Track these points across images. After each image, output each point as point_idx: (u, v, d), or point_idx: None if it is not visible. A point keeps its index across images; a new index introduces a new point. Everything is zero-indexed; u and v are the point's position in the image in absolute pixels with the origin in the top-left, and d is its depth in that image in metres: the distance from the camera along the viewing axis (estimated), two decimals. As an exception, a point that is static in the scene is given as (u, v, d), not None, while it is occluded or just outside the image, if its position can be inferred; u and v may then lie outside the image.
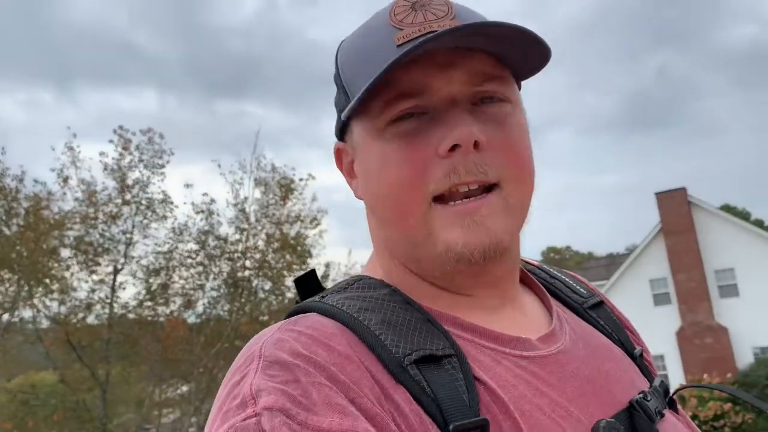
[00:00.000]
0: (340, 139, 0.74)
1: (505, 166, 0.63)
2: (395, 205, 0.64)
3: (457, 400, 0.55)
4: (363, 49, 0.66)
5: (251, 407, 0.51)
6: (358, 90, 0.63)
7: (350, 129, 0.70)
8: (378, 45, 0.64)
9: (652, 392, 0.69)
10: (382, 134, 0.64)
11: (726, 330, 19.65)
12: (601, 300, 0.83)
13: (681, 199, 20.85)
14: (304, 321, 0.60)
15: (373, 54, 0.64)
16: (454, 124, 0.61)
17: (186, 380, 14.91)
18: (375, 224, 0.72)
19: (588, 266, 30.66)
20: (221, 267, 15.53)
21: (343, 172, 0.76)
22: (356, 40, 0.69)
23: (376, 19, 0.68)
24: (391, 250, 0.70)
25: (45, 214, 14.05)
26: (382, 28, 0.65)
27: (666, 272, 20.99)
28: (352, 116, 0.67)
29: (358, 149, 0.69)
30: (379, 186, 0.65)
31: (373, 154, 0.65)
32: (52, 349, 14.47)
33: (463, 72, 0.62)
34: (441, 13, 0.64)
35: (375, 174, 0.66)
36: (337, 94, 0.72)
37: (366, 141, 0.67)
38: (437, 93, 0.62)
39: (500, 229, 0.62)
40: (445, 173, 0.61)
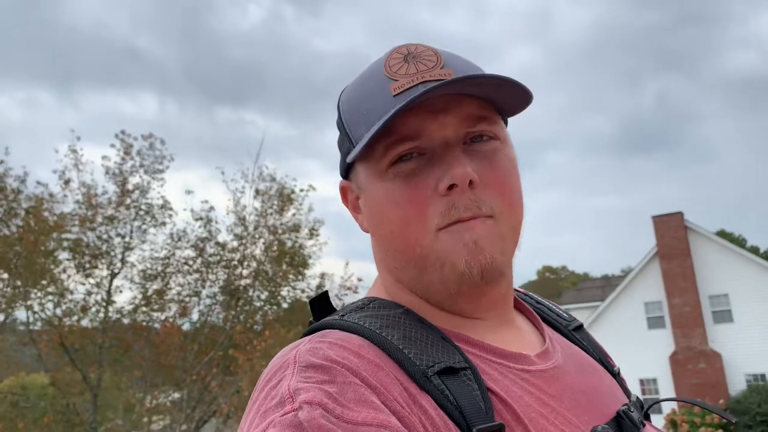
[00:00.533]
0: (345, 178, 0.81)
1: (497, 199, 0.69)
2: (402, 239, 0.70)
3: (476, 407, 0.60)
4: (362, 98, 0.73)
5: (290, 404, 0.54)
6: (360, 136, 0.71)
7: (355, 170, 0.77)
8: (376, 95, 0.71)
9: (633, 405, 0.77)
10: (385, 175, 0.70)
11: (719, 356, 19.65)
12: (581, 324, 0.91)
13: (677, 223, 20.93)
14: (332, 334, 0.65)
15: (371, 104, 0.71)
16: (450, 165, 0.67)
17: (178, 387, 14.83)
18: (381, 255, 0.77)
19: (583, 287, 30.66)
20: (218, 275, 15.52)
21: (348, 208, 0.82)
22: (355, 90, 0.76)
23: (373, 71, 0.75)
24: (399, 278, 0.75)
25: (45, 215, 14.05)
26: (378, 79, 0.72)
27: (661, 296, 21.02)
28: (356, 159, 0.73)
29: (364, 189, 0.75)
30: (386, 222, 0.71)
31: (378, 194, 0.72)
32: (44, 351, 14.40)
33: (455, 116, 0.69)
34: (431, 63, 0.71)
35: (381, 212, 0.72)
36: (340, 137, 0.78)
37: (370, 181, 0.73)
38: (433, 136, 0.69)
39: (495, 251, 0.68)
40: (445, 209, 0.67)
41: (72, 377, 14.80)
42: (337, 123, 0.78)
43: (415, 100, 0.64)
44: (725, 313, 20.15)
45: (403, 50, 0.74)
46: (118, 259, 14.92)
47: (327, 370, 0.58)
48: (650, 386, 21.09)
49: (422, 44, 0.75)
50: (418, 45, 0.74)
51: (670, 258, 20.71)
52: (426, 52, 0.73)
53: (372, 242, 0.79)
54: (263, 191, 15.70)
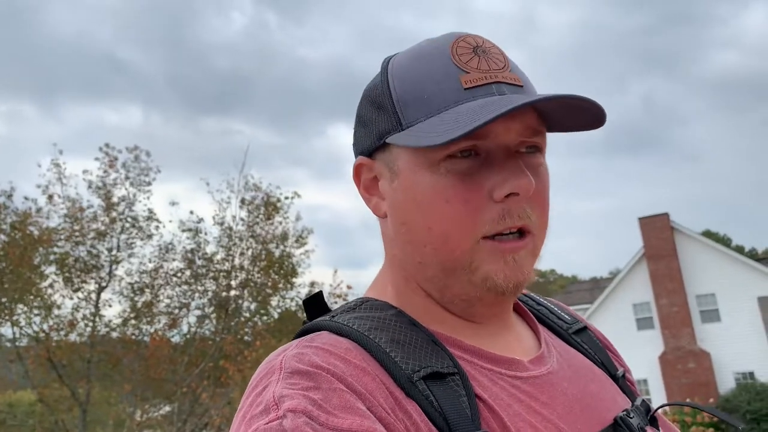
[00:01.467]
0: (366, 155, 0.76)
1: (538, 215, 0.69)
2: (443, 237, 0.67)
3: (462, 414, 0.59)
4: (425, 80, 0.69)
5: (274, 412, 0.54)
6: (414, 119, 0.67)
7: (390, 151, 0.72)
8: (442, 82, 0.67)
9: (635, 410, 0.74)
10: (437, 167, 0.66)
11: (708, 355, 19.80)
12: (584, 326, 0.89)
13: (664, 225, 21.11)
14: (319, 338, 0.65)
15: (437, 90, 0.67)
16: (514, 173, 0.65)
17: (169, 400, 14.68)
18: (402, 246, 0.73)
19: (572, 290, 30.79)
20: (206, 286, 15.42)
21: (360, 187, 0.77)
22: (415, 69, 0.71)
23: (436, 53, 0.70)
24: (414, 274, 0.73)
25: (30, 230, 13.90)
26: (444, 64, 0.68)
27: (649, 297, 21.16)
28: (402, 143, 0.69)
29: (403, 174, 0.70)
30: (428, 216, 0.68)
31: (425, 185, 0.68)
32: (31, 367, 14.21)
33: (520, 125, 0.67)
34: (501, 63, 0.69)
35: (425, 205, 0.68)
36: (375, 109, 0.73)
37: (415, 170, 0.69)
38: (495, 140, 0.66)
39: (529, 269, 0.68)
40: (499, 217, 0.66)
41: (60, 393, 14.60)
42: (380, 94, 0.72)
43: (518, 109, 0.60)
44: (712, 313, 20.32)
45: (471, 41, 0.70)
46: (106, 273, 14.78)
47: (312, 376, 0.58)
48: (641, 387, 21.19)
49: (485, 38, 0.72)
50: (484, 39, 0.72)
51: (657, 259, 20.87)
52: (493, 49, 0.70)
53: (390, 229, 0.74)
54: (249, 201, 15.65)
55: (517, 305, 0.85)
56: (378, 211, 0.76)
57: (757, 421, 17.55)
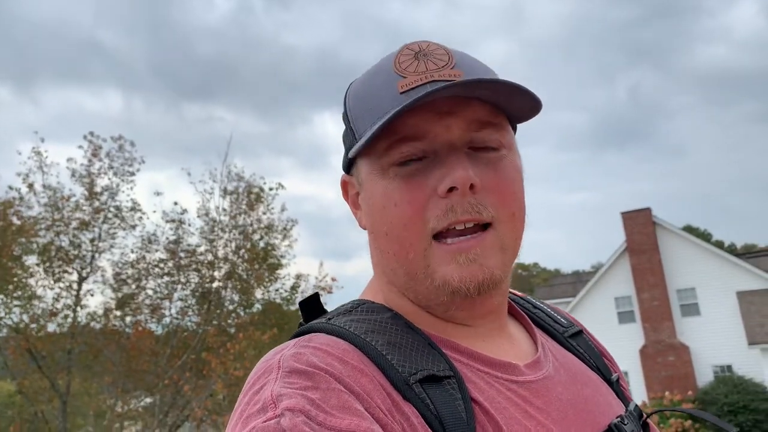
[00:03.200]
0: (347, 173, 0.79)
1: (499, 206, 0.68)
2: (397, 241, 0.69)
3: (457, 417, 0.59)
4: (368, 93, 0.71)
5: (272, 410, 0.54)
6: (363, 131, 0.69)
7: (357, 166, 0.75)
8: (382, 91, 0.69)
9: (628, 416, 0.75)
10: (386, 173, 0.69)
11: (687, 348, 20.09)
12: (580, 330, 0.89)
13: (646, 219, 21.33)
14: (317, 339, 0.64)
15: (377, 99, 0.69)
16: (452, 167, 0.65)
17: (150, 392, 14.60)
18: (377, 255, 0.75)
19: (555, 283, 31.07)
20: (189, 277, 15.32)
21: (348, 203, 0.80)
22: (362, 84, 0.74)
23: (382, 66, 0.73)
24: (391, 280, 0.74)
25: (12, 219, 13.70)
26: (386, 75, 0.71)
27: (630, 291, 21.40)
28: (358, 155, 0.72)
29: (364, 185, 0.73)
30: (383, 222, 0.70)
31: (377, 192, 0.70)
32: (11, 358, 14.05)
33: (461, 119, 0.67)
34: (441, 62, 0.69)
35: (379, 210, 0.70)
36: (345, 130, 0.76)
37: (371, 178, 0.71)
38: (437, 138, 0.67)
39: (493, 265, 0.67)
40: (443, 212, 0.66)
41: (40, 384, 14.45)
42: (343, 116, 0.76)
43: (418, 101, 0.62)
44: (692, 307, 20.61)
45: (415, 47, 0.72)
46: (87, 263, 14.62)
47: (310, 376, 0.57)
48: (621, 380, 21.43)
49: (435, 42, 0.73)
50: (430, 43, 0.73)
51: (639, 253, 21.10)
52: (438, 50, 0.71)
53: (369, 240, 0.77)
54: (231, 191, 15.54)
55: (515, 309, 0.85)
56: (360, 223, 0.79)
57: (734, 413, 17.85)
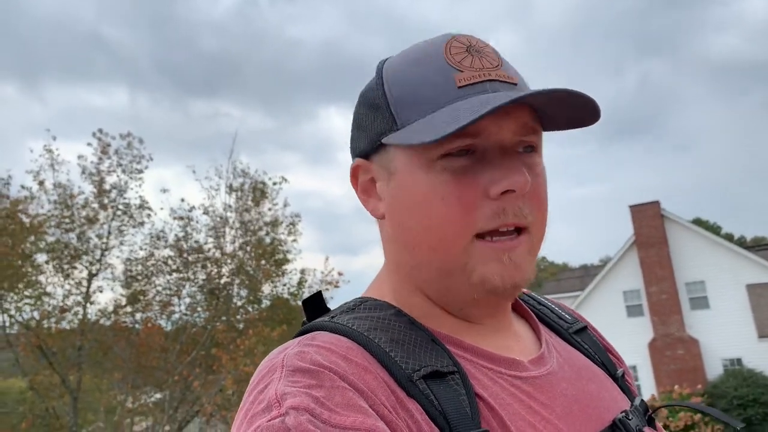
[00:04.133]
0: (363, 157, 0.76)
1: (535, 212, 0.69)
2: (438, 236, 0.67)
3: (462, 413, 0.59)
4: (419, 80, 0.69)
5: (276, 409, 0.54)
6: (409, 119, 0.67)
7: (386, 152, 0.72)
8: (437, 82, 0.67)
9: (633, 411, 0.75)
10: (433, 166, 0.67)
11: (697, 342, 20.01)
12: (585, 326, 0.89)
13: (654, 212, 21.22)
14: (321, 337, 0.64)
15: (431, 89, 0.67)
16: (509, 170, 0.65)
17: (160, 388, 14.69)
18: (399, 248, 0.73)
19: (563, 277, 30.99)
20: (197, 274, 15.39)
21: (357, 190, 0.77)
22: (408, 68, 0.71)
23: (429, 53, 0.71)
24: (412, 275, 0.73)
25: (21, 217, 13.80)
26: (438, 64, 0.69)
27: (639, 284, 21.31)
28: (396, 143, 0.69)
29: (399, 174, 0.70)
30: (424, 215, 0.68)
31: (421, 184, 0.68)
32: (22, 355, 14.16)
33: (514, 122, 0.67)
34: (494, 62, 0.69)
35: (420, 203, 0.68)
36: (371, 111, 0.73)
37: (411, 169, 0.69)
38: (489, 137, 0.66)
39: (528, 268, 0.68)
40: (494, 213, 0.66)
41: (51, 381, 14.57)
42: (372, 98, 0.73)
43: (509, 104, 0.61)
44: (701, 300, 20.50)
45: (464, 40, 0.71)
46: (96, 259, 14.71)
47: (315, 374, 0.57)
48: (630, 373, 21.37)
49: (479, 38, 0.72)
50: (478, 39, 0.72)
51: (647, 247, 21.00)
52: (486, 48, 0.71)
53: (388, 231, 0.74)
54: (237, 187, 15.58)
55: (518, 304, 0.85)
56: (376, 212, 0.75)
57: (743, 406, 17.78)
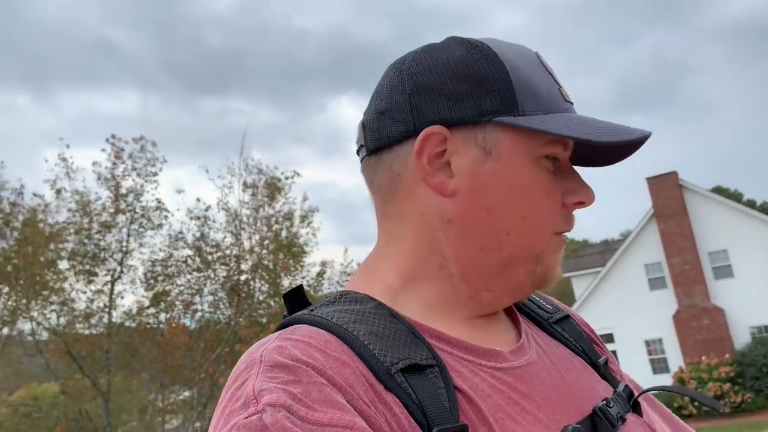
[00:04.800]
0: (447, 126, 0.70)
1: None
2: (535, 229, 0.71)
3: (440, 406, 0.59)
4: (537, 79, 0.72)
5: (254, 406, 0.53)
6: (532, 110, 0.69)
7: (486, 131, 0.69)
8: (551, 87, 0.73)
9: (615, 399, 0.74)
10: (539, 162, 0.71)
11: (722, 311, 19.83)
12: (566, 315, 0.89)
13: (672, 183, 20.99)
14: (299, 330, 0.64)
15: (550, 93, 0.72)
16: (582, 185, 0.74)
17: (188, 386, 14.91)
18: (460, 230, 0.70)
19: (583, 254, 30.82)
20: (217, 271, 15.54)
21: (421, 157, 0.70)
22: (525, 63, 0.72)
23: (529, 55, 0.74)
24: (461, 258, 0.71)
25: (41, 226, 14.02)
26: (543, 71, 0.74)
27: (660, 256, 21.15)
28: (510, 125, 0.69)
29: (501, 158, 0.69)
30: (524, 204, 0.70)
31: (528, 174, 0.70)
32: (52, 360, 14.44)
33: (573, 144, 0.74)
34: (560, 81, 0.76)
35: (523, 192, 0.70)
36: (471, 84, 0.70)
37: (517, 158, 0.69)
38: (567, 152, 0.74)
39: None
40: (565, 219, 0.73)
41: (82, 384, 14.87)
42: (474, 69, 0.70)
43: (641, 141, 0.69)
44: (725, 269, 20.30)
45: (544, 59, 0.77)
46: (117, 263, 14.92)
47: (292, 369, 0.57)
48: (656, 347, 21.28)
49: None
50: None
51: (666, 218, 20.80)
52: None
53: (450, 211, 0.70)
54: (252, 184, 15.68)
55: None
56: (443, 188, 0.70)
57: (774, 373, 17.62)
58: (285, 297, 0.77)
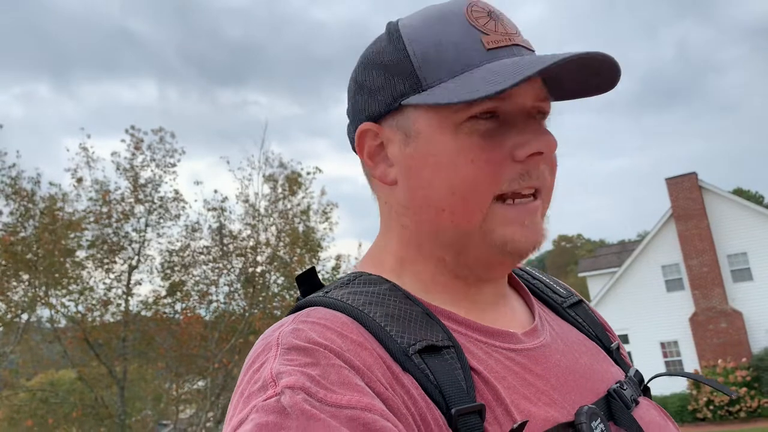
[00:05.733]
0: (374, 121, 0.73)
1: (548, 176, 0.70)
2: (464, 198, 0.66)
3: (457, 386, 0.59)
4: (445, 41, 0.68)
5: (272, 388, 0.53)
6: (436, 80, 0.66)
7: (404, 114, 0.70)
8: (465, 43, 0.67)
9: (628, 382, 0.75)
10: (459, 129, 0.66)
11: (740, 314, 19.56)
12: (579, 299, 0.89)
13: (692, 184, 20.72)
14: (315, 313, 0.64)
15: (457, 50, 0.67)
16: (536, 133, 0.66)
17: (202, 376, 15.05)
18: (414, 213, 0.71)
19: (600, 254, 30.55)
20: (233, 263, 15.66)
21: (362, 154, 0.75)
22: (433, 29, 0.69)
23: (450, 14, 0.70)
24: (427, 240, 0.72)
25: (60, 215, 14.21)
26: (462, 26, 0.68)
27: (678, 258, 20.90)
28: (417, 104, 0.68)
29: (420, 137, 0.69)
30: (450, 178, 0.67)
31: (448, 147, 0.67)
32: (70, 347, 14.65)
33: (533, 89, 0.68)
34: (514, 28, 0.70)
35: (446, 166, 0.67)
36: (384, 72, 0.71)
37: (435, 132, 0.68)
38: (513, 101, 0.67)
39: (543, 230, 0.70)
40: (518, 175, 0.66)
41: (98, 371, 15.07)
42: (385, 57, 0.71)
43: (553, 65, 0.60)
44: (744, 272, 20.02)
45: (483, 6, 0.70)
46: (135, 252, 15.09)
47: (310, 352, 0.57)
48: (671, 349, 21.06)
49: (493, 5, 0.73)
50: (492, 5, 0.72)
51: (685, 219, 20.55)
52: (503, 15, 0.71)
53: (398, 198, 0.72)
54: (272, 176, 15.76)
55: (513, 279, 0.85)
56: (385, 178, 0.73)
57: (791, 379, 17.37)
58: (297, 279, 0.76)
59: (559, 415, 0.64)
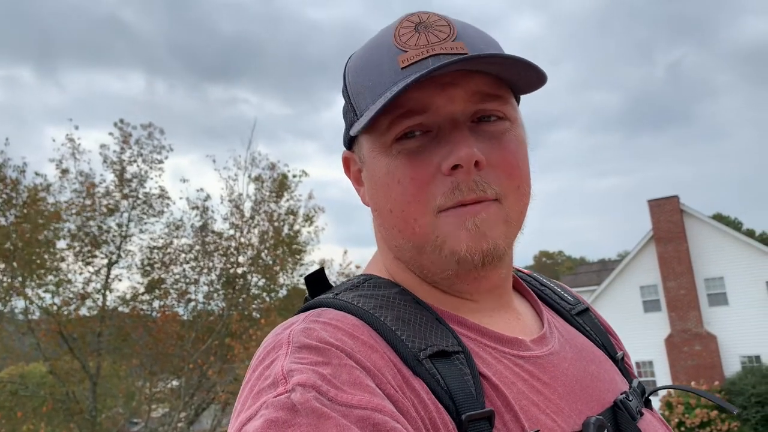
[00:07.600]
0: (349, 149, 0.79)
1: (504, 181, 0.67)
2: (402, 218, 0.68)
3: (467, 392, 0.60)
4: (368, 68, 0.70)
5: (283, 385, 0.53)
6: (364, 108, 0.69)
7: (359, 142, 0.75)
8: (383, 66, 0.68)
9: (632, 392, 0.75)
10: (389, 150, 0.68)
11: (714, 338, 19.79)
12: (586, 307, 0.89)
13: (673, 207, 20.97)
14: (326, 314, 0.64)
15: (377, 76, 0.68)
16: (456, 144, 0.64)
17: (177, 375, 14.88)
18: (382, 231, 0.75)
19: (579, 271, 30.77)
20: (214, 262, 15.53)
21: (351, 179, 0.80)
22: (362, 59, 0.72)
23: (381, 38, 0.71)
24: (398, 256, 0.74)
25: (41, 206, 14.01)
26: (386, 49, 0.69)
27: (656, 279, 21.11)
28: (360, 132, 0.70)
29: (367, 162, 0.72)
30: (387, 200, 0.69)
31: (381, 170, 0.69)
32: (43, 340, 14.42)
33: (464, 91, 0.66)
34: (443, 35, 0.68)
35: (382, 188, 0.69)
36: (345, 105, 0.75)
37: (373, 155, 0.70)
38: (439, 111, 0.66)
39: (497, 236, 0.66)
40: (449, 190, 0.65)
41: (71, 366, 14.81)
42: (343, 91, 0.75)
43: (420, 78, 0.61)
44: (720, 296, 20.26)
45: (414, 18, 0.70)
46: (116, 247, 14.91)
47: (321, 351, 0.57)
48: (646, 369, 21.23)
49: (435, 13, 0.71)
50: (431, 14, 0.70)
51: (665, 242, 20.78)
52: (439, 21, 0.69)
53: (373, 217, 0.76)
54: (259, 177, 15.68)
55: (520, 284, 0.85)
56: (363, 200, 0.78)
57: (762, 404, 17.59)
58: (306, 280, 0.77)
59: (566, 425, 0.64)
